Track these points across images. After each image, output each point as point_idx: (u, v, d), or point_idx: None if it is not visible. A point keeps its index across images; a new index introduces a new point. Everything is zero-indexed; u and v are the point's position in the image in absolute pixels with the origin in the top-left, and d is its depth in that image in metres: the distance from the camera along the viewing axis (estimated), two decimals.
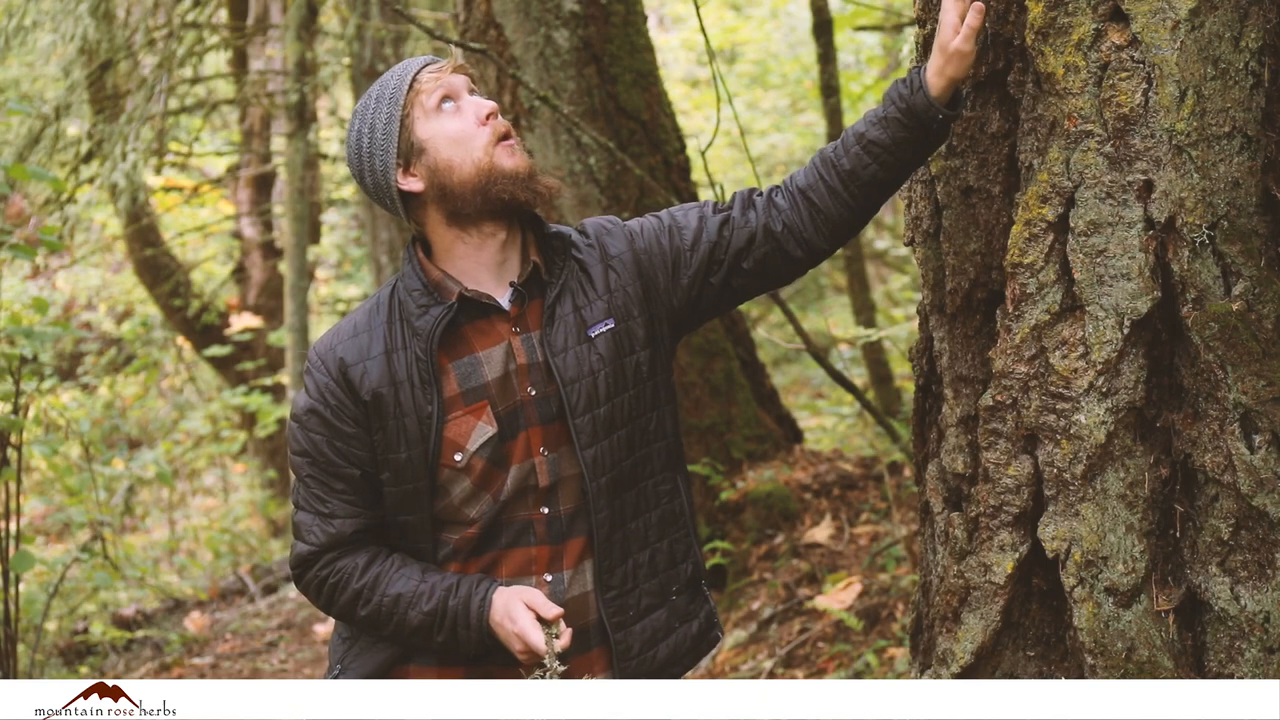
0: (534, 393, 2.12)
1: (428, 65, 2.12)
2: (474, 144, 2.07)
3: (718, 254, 2.21)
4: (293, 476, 2.18)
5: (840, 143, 2.19)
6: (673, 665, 2.22)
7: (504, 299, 2.14)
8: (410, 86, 2.09)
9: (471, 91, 2.13)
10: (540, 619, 2.03)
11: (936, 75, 2.10)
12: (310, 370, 2.14)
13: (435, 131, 2.08)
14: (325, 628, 6.65)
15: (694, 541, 2.28)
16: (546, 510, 2.13)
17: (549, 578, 2.13)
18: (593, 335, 2.14)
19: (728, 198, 2.32)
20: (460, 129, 2.08)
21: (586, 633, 2.15)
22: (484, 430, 2.09)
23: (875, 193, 2.18)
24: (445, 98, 2.09)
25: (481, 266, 2.13)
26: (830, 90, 6.26)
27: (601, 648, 2.17)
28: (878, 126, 2.14)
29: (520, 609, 2.04)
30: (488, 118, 2.08)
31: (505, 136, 2.09)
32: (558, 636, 2.01)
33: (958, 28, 2.08)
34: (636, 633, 2.18)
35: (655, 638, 2.20)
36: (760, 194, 2.24)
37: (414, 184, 2.10)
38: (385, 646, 2.17)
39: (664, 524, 2.22)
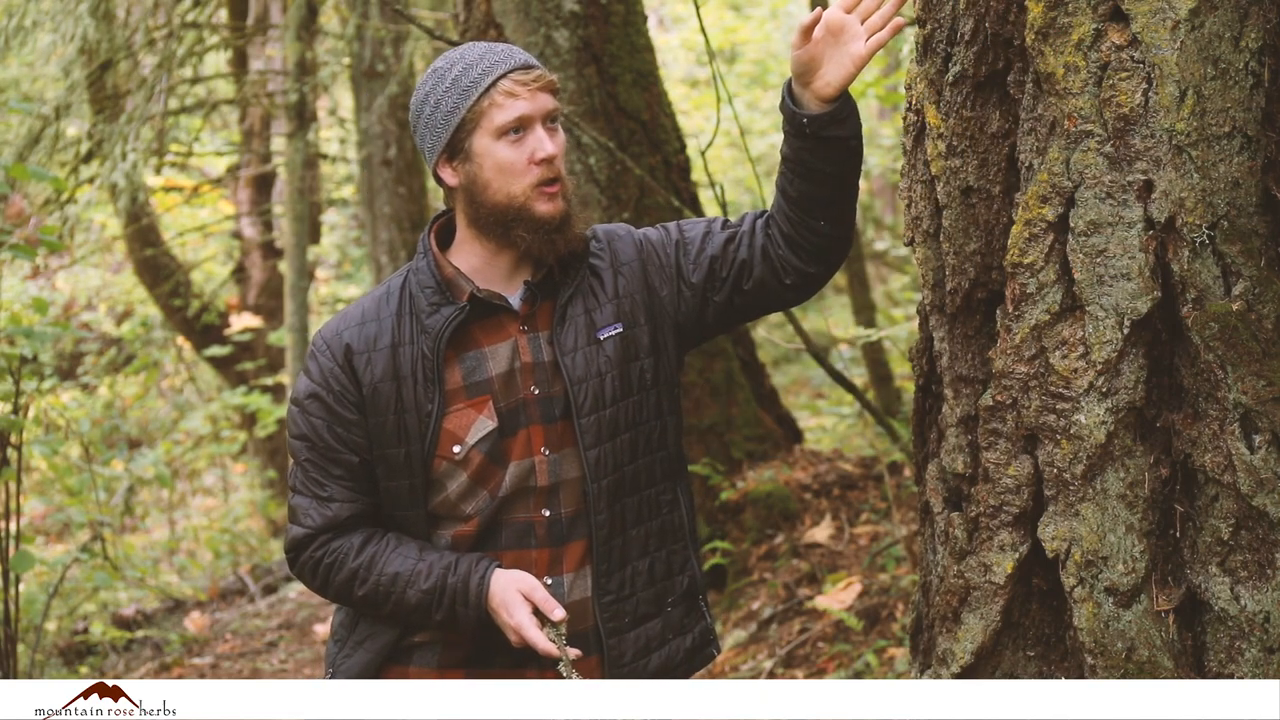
0: (537, 392, 2.12)
1: (517, 71, 2.06)
2: (517, 180, 2.06)
3: (719, 270, 2.20)
4: (289, 460, 2.18)
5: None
6: (663, 676, 2.21)
7: (514, 297, 2.15)
8: (490, 88, 2.05)
9: (552, 118, 2.09)
10: (539, 614, 2.02)
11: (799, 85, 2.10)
12: (315, 354, 2.13)
13: (489, 150, 2.06)
14: (325, 627, 6.65)
15: (693, 556, 2.28)
16: (548, 513, 2.13)
17: (549, 581, 2.13)
18: (601, 338, 2.15)
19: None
20: (511, 161, 2.05)
21: (585, 638, 2.15)
22: (484, 424, 2.10)
23: (815, 209, 2.14)
24: (518, 125, 2.06)
25: (494, 267, 2.15)
26: None
27: (596, 656, 2.16)
28: (784, 141, 2.14)
29: (517, 602, 2.03)
30: (541, 161, 2.05)
31: (551, 181, 2.07)
32: (563, 635, 2.01)
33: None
34: (630, 640, 2.17)
35: (649, 647, 2.19)
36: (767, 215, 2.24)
37: (451, 177, 2.12)
38: (372, 645, 2.16)
39: (663, 534, 2.22)
